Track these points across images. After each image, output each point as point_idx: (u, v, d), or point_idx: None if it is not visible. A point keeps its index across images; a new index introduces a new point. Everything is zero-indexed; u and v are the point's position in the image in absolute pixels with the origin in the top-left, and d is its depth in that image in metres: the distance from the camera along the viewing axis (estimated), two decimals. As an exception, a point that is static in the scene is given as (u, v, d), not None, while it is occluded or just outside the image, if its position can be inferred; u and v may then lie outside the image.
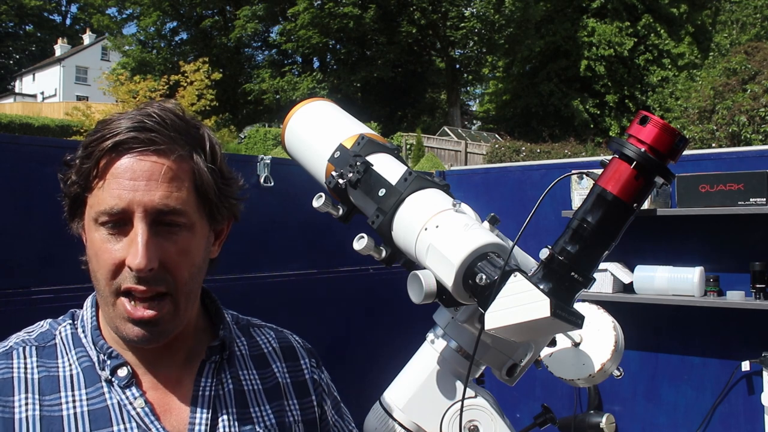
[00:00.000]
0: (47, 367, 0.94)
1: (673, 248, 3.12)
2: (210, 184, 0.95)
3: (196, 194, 0.94)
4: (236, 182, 1.03)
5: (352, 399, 1.16)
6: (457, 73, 28.50)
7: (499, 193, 3.55)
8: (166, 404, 0.96)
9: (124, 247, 0.90)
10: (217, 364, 1.01)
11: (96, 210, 0.91)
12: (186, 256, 0.93)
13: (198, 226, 0.95)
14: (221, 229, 1.04)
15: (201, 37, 29.47)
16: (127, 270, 0.90)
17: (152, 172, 0.90)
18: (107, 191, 0.90)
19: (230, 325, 1.08)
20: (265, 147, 21.32)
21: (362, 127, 1.23)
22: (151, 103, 0.97)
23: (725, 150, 3.24)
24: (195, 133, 0.97)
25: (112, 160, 0.91)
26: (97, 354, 0.96)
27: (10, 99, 38.40)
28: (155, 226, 0.91)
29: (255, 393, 1.03)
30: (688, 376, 3.16)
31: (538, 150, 16.95)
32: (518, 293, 0.85)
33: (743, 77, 14.78)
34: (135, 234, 0.89)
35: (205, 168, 0.95)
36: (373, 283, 2.95)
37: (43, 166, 2.04)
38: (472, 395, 1.05)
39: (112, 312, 0.92)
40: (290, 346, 1.13)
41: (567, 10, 26.71)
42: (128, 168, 0.90)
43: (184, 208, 0.92)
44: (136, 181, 0.90)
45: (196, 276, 0.96)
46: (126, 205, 0.89)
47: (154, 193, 0.90)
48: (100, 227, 0.91)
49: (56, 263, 1.95)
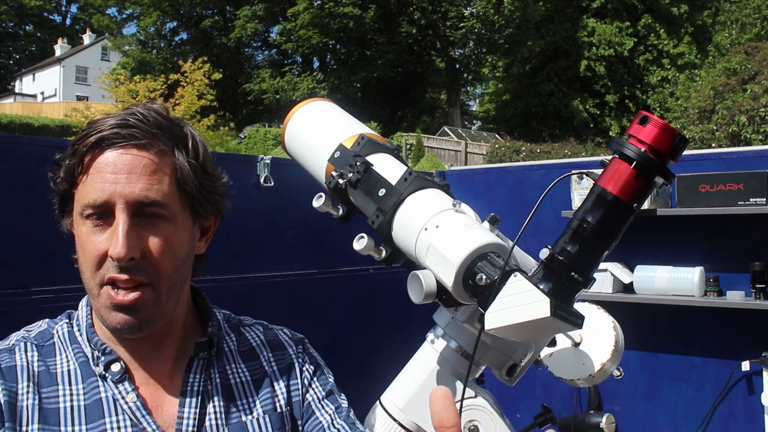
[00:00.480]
0: (46, 364, 0.97)
1: (673, 248, 3.12)
2: (191, 178, 0.98)
3: (177, 188, 0.97)
4: (220, 179, 1.05)
5: (352, 399, 1.15)
6: (457, 73, 28.50)
7: (499, 193, 3.55)
8: (157, 399, 0.99)
9: (107, 239, 0.93)
10: (205, 360, 1.03)
11: (81, 204, 0.94)
12: (168, 247, 0.95)
13: (180, 219, 0.98)
14: (208, 225, 1.06)
15: (201, 37, 29.49)
16: (109, 260, 0.92)
17: (133, 165, 0.94)
18: (91, 185, 0.93)
19: (220, 323, 1.10)
20: (265, 147, 21.32)
21: (362, 127, 1.23)
22: (138, 103, 1.01)
23: (725, 150, 3.24)
24: (177, 130, 1.00)
25: (96, 156, 0.94)
26: (92, 350, 0.99)
27: (10, 99, 38.39)
28: (137, 218, 0.93)
29: (243, 385, 1.05)
30: (688, 376, 3.16)
31: (538, 150, 16.95)
32: (518, 293, 0.85)
33: (743, 77, 14.79)
34: (116, 225, 0.92)
35: (186, 163, 0.98)
36: (373, 283, 2.94)
37: (43, 166, 2.03)
38: (472, 395, 1.05)
39: (98, 302, 0.95)
40: (277, 340, 1.14)
41: (567, 10, 26.71)
42: (110, 162, 0.93)
43: (164, 200, 0.95)
44: (118, 174, 0.93)
45: (180, 268, 0.99)
46: (108, 197, 0.92)
47: (134, 185, 0.93)
48: (86, 221, 0.94)
49: (56, 263, 1.94)
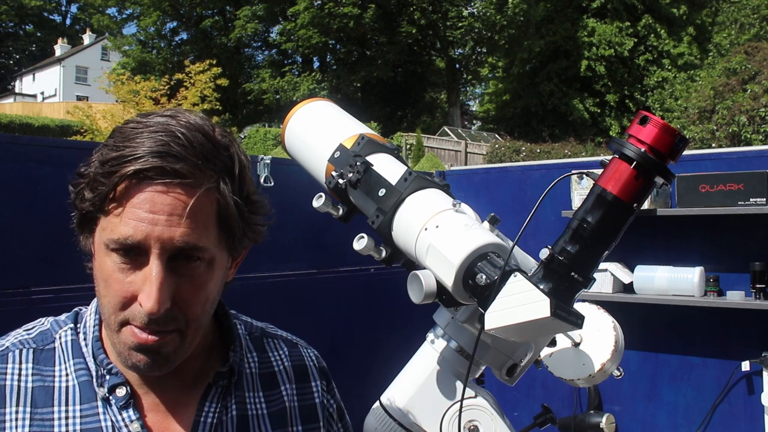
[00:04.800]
0: (42, 376, 0.90)
1: (673, 248, 3.13)
2: (235, 217, 0.88)
3: (218, 227, 0.87)
4: (263, 207, 0.95)
5: (352, 399, 1.15)
6: (457, 73, 28.50)
7: (499, 193, 3.55)
8: (165, 427, 0.91)
9: (138, 282, 0.84)
10: (223, 388, 0.96)
11: (109, 237, 0.84)
12: (202, 291, 0.87)
13: (218, 259, 0.89)
14: (240, 252, 0.98)
15: (201, 37, 29.51)
16: (137, 306, 0.84)
17: (174, 206, 0.82)
18: (123, 220, 0.82)
19: (243, 340, 1.02)
20: (265, 147, 21.31)
21: (362, 127, 1.23)
22: (177, 114, 0.88)
23: (725, 150, 3.24)
24: (225, 158, 0.88)
25: (132, 187, 0.82)
26: (96, 368, 0.90)
27: (10, 99, 38.39)
28: (171, 262, 0.84)
29: (258, 419, 0.98)
30: (688, 376, 3.16)
31: (538, 150, 16.94)
32: (518, 293, 0.85)
33: (743, 77, 14.78)
34: (149, 272, 0.83)
35: (231, 200, 0.87)
36: (373, 283, 2.94)
37: (43, 166, 2.04)
38: (472, 395, 1.05)
39: (117, 338, 0.87)
40: (302, 365, 1.07)
41: (567, 10, 26.70)
42: (148, 199, 0.82)
43: (205, 245, 0.85)
44: (156, 215, 0.82)
45: (209, 309, 0.91)
46: (143, 239, 0.82)
47: (174, 229, 0.82)
48: (112, 253, 0.84)
49: (56, 263, 1.94)
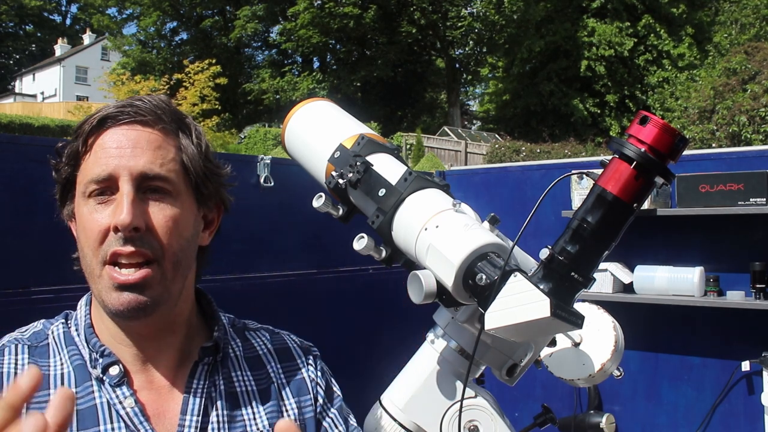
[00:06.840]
0: (38, 365, 0.92)
1: (673, 248, 3.12)
2: (195, 158, 0.97)
3: (181, 166, 0.96)
4: (223, 169, 1.04)
5: (353, 399, 1.15)
6: (457, 73, 28.50)
7: (499, 193, 3.55)
8: (157, 405, 0.94)
9: (110, 212, 0.90)
10: (210, 366, 0.99)
11: (84, 182, 0.93)
12: (173, 223, 0.93)
13: (185, 199, 0.96)
14: (211, 218, 1.03)
15: (201, 37, 29.53)
16: (112, 234, 0.89)
17: (138, 139, 0.93)
18: (94, 162, 0.92)
19: (225, 327, 1.06)
20: (265, 147, 21.32)
21: (362, 127, 1.23)
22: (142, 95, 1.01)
23: (725, 150, 3.24)
24: (181, 116, 1.00)
25: (99, 134, 0.93)
26: (90, 352, 0.94)
27: (10, 99, 38.39)
28: (141, 193, 0.91)
29: (248, 394, 1.01)
30: (688, 376, 3.16)
31: (538, 150, 16.94)
32: (518, 293, 0.85)
33: (743, 77, 14.78)
34: (120, 195, 0.90)
35: (191, 149, 0.97)
36: (373, 283, 2.94)
37: (43, 166, 2.03)
38: (472, 395, 1.05)
39: (100, 284, 0.91)
40: (285, 347, 1.10)
41: (567, 10, 26.68)
42: (114, 138, 0.93)
43: (169, 175, 0.93)
44: (122, 149, 0.92)
45: (185, 249, 0.95)
46: (112, 170, 0.91)
47: (139, 158, 0.92)
48: (89, 200, 0.92)
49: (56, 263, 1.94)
